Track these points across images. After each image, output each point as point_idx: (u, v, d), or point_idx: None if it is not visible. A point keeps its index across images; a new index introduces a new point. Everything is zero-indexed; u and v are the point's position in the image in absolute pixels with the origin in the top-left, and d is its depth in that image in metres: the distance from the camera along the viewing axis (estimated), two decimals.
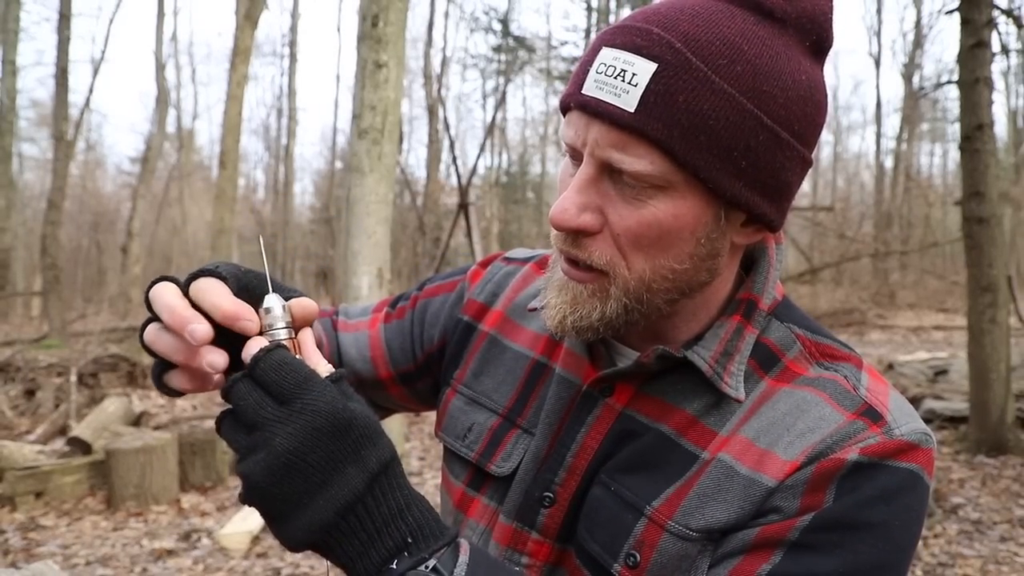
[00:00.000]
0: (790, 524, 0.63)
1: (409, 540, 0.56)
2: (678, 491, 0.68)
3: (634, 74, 0.61)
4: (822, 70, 0.68)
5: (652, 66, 0.60)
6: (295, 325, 0.63)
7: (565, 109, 0.66)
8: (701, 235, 0.65)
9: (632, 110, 0.60)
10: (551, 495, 0.74)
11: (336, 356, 0.94)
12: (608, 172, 0.64)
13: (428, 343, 0.91)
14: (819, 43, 0.66)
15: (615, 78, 0.61)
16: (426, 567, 0.55)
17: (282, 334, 0.60)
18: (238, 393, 0.55)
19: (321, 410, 0.54)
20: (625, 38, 0.62)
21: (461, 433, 0.83)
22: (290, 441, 0.53)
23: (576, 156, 0.66)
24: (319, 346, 0.91)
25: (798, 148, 0.65)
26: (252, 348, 0.58)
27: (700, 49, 0.60)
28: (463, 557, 0.57)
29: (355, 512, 0.55)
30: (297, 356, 0.59)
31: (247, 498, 0.55)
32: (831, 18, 0.67)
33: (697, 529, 0.66)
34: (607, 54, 0.63)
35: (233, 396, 0.56)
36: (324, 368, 0.60)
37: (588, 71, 0.64)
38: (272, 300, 0.61)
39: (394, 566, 0.55)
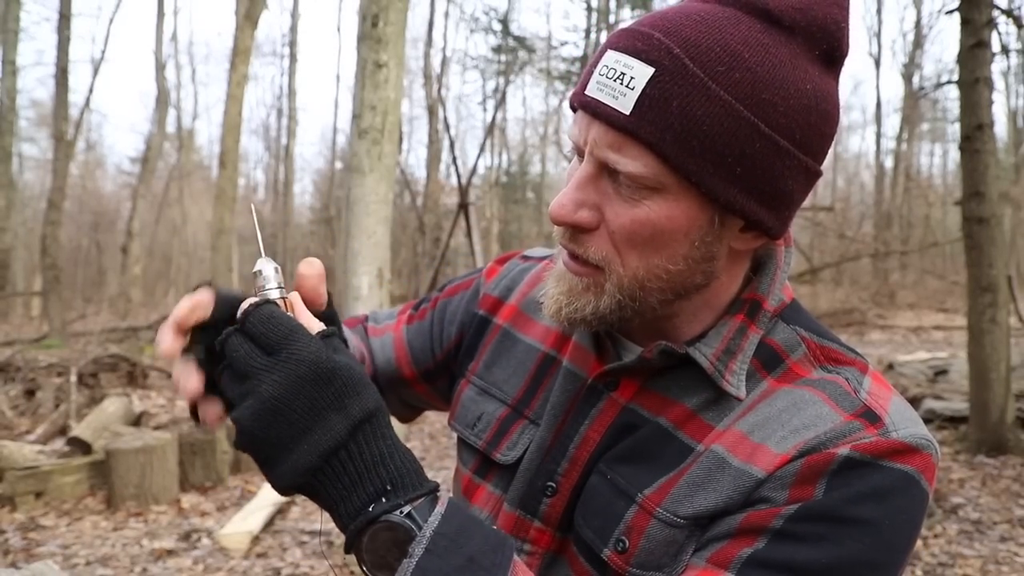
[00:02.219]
0: (775, 512, 0.63)
1: (388, 487, 0.58)
2: (670, 480, 0.69)
3: (632, 77, 0.62)
4: (835, 80, 0.67)
5: (649, 71, 0.61)
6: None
7: (572, 108, 0.68)
8: (695, 238, 0.66)
9: (628, 112, 0.62)
10: (553, 485, 0.76)
11: (370, 361, 0.98)
12: (607, 171, 0.66)
13: (447, 340, 0.94)
14: (830, 52, 0.65)
15: (615, 80, 0.63)
16: (401, 512, 0.57)
17: (274, 294, 0.62)
18: (231, 345, 0.59)
19: (305, 359, 0.57)
20: (628, 42, 0.64)
21: (471, 422, 0.86)
22: (275, 388, 0.56)
23: (581, 154, 0.68)
24: (360, 359, 0.94)
25: (800, 157, 0.64)
26: (244, 306, 0.60)
27: (699, 55, 0.61)
28: (439, 508, 0.58)
29: (338, 457, 0.57)
30: (289, 313, 0.61)
31: (240, 444, 0.58)
32: (845, 28, 0.66)
33: (685, 516, 0.67)
34: (610, 57, 0.64)
35: (227, 348, 0.59)
36: (316, 327, 0.62)
37: (593, 72, 0.65)
38: (262, 263, 0.63)
39: (371, 509, 0.57)
